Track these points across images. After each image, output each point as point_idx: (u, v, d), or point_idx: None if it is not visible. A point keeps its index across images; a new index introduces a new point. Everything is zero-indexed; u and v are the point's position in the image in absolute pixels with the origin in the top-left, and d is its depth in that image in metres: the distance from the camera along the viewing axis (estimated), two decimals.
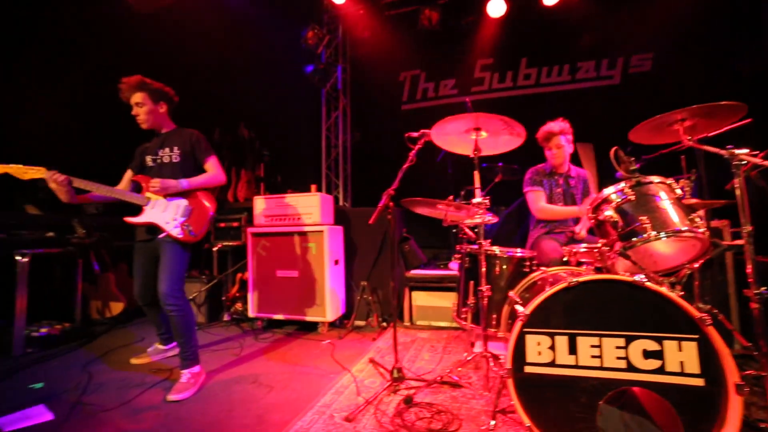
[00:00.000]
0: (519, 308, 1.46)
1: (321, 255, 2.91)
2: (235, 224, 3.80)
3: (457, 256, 2.30)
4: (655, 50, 4.02)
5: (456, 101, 4.78)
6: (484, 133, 1.85)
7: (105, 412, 1.73)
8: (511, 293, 1.82)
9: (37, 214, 3.15)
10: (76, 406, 1.79)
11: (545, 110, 4.05)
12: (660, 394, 1.14)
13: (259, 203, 3.19)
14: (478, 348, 2.31)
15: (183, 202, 2.08)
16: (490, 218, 1.79)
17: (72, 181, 1.86)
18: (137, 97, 2.09)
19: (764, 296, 1.32)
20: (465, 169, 3.79)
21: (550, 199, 2.53)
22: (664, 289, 1.18)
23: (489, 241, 1.89)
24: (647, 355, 1.17)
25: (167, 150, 2.14)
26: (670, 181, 1.52)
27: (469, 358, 2.04)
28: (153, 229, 2.05)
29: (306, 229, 2.97)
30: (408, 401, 1.72)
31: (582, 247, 1.88)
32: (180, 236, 2.01)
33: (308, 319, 2.92)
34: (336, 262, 3.04)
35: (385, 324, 3.05)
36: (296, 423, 1.59)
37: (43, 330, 2.65)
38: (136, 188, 2.13)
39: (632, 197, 1.52)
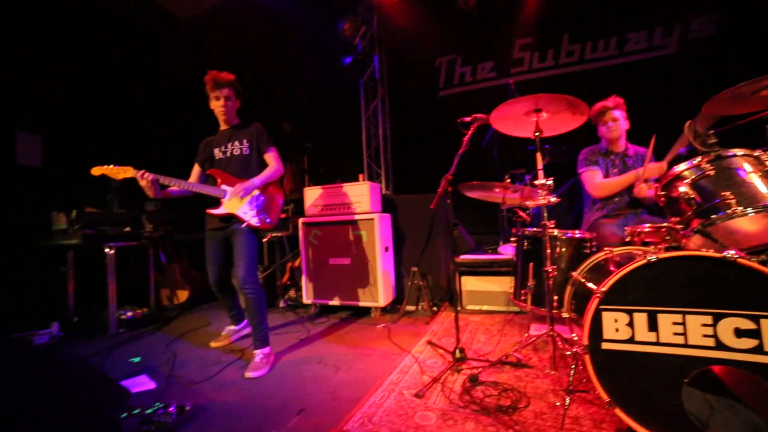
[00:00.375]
0: (591, 285, 1.45)
1: (372, 242, 2.99)
2: (283, 215, 3.96)
3: (513, 239, 2.29)
4: (720, 10, 3.69)
5: (495, 84, 4.66)
6: (544, 114, 1.82)
7: (194, 384, 1.92)
8: (575, 274, 1.80)
9: (117, 211, 3.46)
10: (170, 378, 1.99)
11: (592, 88, 3.88)
12: (759, 375, 1.11)
13: (310, 194, 3.31)
14: (534, 330, 2.32)
15: (256, 193, 2.24)
16: (555, 199, 1.77)
17: (158, 179, 2.03)
18: (226, 92, 2.24)
19: None
20: (511, 153, 3.76)
21: None
22: (758, 265, 1.13)
23: (553, 222, 1.87)
24: (740, 333, 1.13)
25: (236, 143, 2.29)
26: (757, 153, 1.43)
27: (532, 339, 2.04)
28: (227, 218, 2.21)
29: (357, 217, 3.05)
30: (473, 379, 1.77)
31: (646, 227, 1.82)
32: (258, 225, 2.18)
33: (362, 304, 3.03)
34: (386, 249, 3.11)
35: (435, 309, 3.10)
36: (369, 399, 1.69)
37: (129, 313, 2.94)
38: (211, 181, 2.28)
39: (711, 172, 1.46)
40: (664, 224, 1.62)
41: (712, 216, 1.41)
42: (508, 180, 2.12)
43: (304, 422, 1.53)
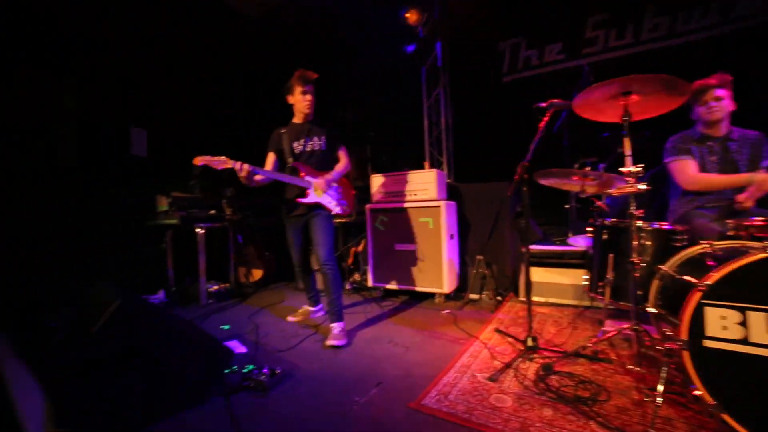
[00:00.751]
0: (691, 278, 1.36)
1: (438, 229, 3.02)
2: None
3: (589, 229, 2.19)
4: None
5: (564, 67, 4.38)
6: (634, 97, 1.70)
7: (279, 352, 2.13)
8: (664, 267, 1.69)
9: (195, 196, 3.86)
10: (258, 345, 2.22)
11: (682, 65, 3.48)
12: None
13: (376, 181, 3.41)
14: (609, 326, 2.22)
15: (335, 185, 2.50)
16: (644, 187, 1.67)
17: (254, 170, 2.21)
18: (311, 88, 2.42)
19: None
20: (582, 140, 3.54)
21: (702, 170, 2.21)
22: None
23: (641, 211, 1.77)
24: None
25: (315, 139, 2.46)
26: None
27: (610, 333, 1.96)
28: (310, 206, 2.41)
29: (423, 204, 3.10)
30: (548, 368, 1.75)
31: (758, 220, 1.65)
32: (340, 211, 2.45)
33: (426, 290, 3.09)
34: (451, 237, 3.13)
35: (500, 298, 3.08)
36: (442, 378, 1.75)
37: (215, 287, 3.29)
38: (293, 172, 2.45)
39: None
40: None
41: None
42: (577, 168, 2.03)
43: (383, 394, 1.64)
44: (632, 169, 1.69)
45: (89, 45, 3.25)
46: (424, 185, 3.15)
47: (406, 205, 3.18)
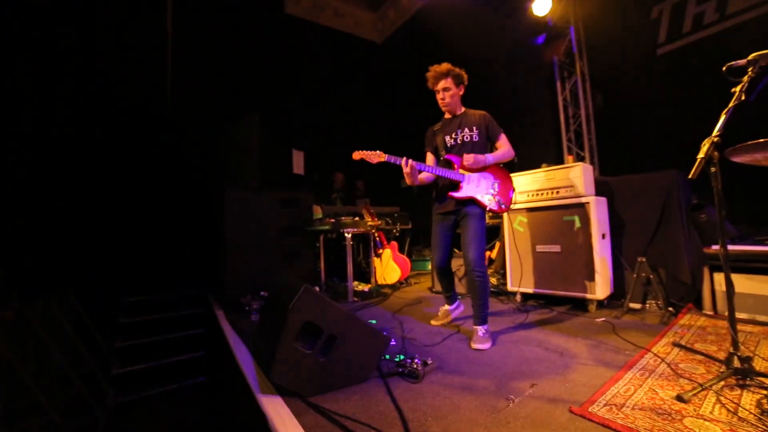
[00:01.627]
0: None
1: (587, 228, 2.72)
2: None
3: None
4: None
5: (765, 11, 3.33)
6: None
7: (425, 347, 2.21)
8: None
9: (342, 207, 4.39)
10: (405, 339, 2.36)
11: None
12: None
13: (513, 180, 3.26)
14: None
15: (490, 177, 2.32)
16: None
17: (417, 165, 2.22)
18: (445, 83, 2.35)
19: None
20: None
21: None
22: None
23: None
24: None
25: (466, 131, 2.38)
26: None
27: None
28: (462, 202, 2.31)
29: (567, 201, 2.84)
30: None
31: None
32: (495, 208, 2.27)
33: (574, 295, 2.79)
34: (603, 236, 2.77)
35: (672, 309, 2.56)
36: (609, 387, 1.56)
37: (360, 287, 3.65)
38: (448, 165, 2.38)
39: None
40: None
41: None
42: None
43: (539, 395, 1.55)
44: None
45: (270, 87, 4.12)
46: (567, 181, 2.89)
47: (548, 203, 2.96)
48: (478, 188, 2.30)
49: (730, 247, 2.42)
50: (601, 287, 2.67)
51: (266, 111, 4.04)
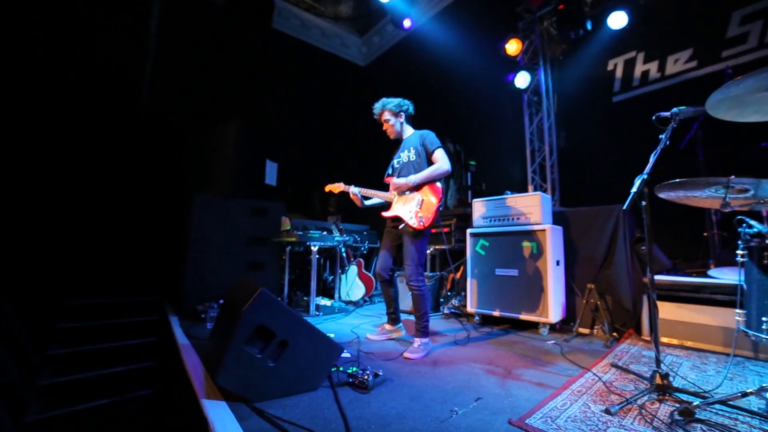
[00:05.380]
0: None
1: (543, 255, 2.87)
2: (446, 230, 4.21)
3: (740, 253, 1.85)
4: None
5: (695, 76, 3.80)
6: None
7: (379, 361, 2.23)
8: None
9: (309, 220, 4.40)
10: (360, 352, 2.37)
11: None
12: None
13: (478, 206, 3.42)
14: None
15: (417, 196, 2.47)
16: None
17: (360, 191, 2.56)
18: (383, 116, 2.68)
19: None
20: (723, 155, 3.02)
21: None
22: None
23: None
24: None
25: (406, 152, 2.60)
26: None
27: None
28: (398, 221, 2.53)
29: (527, 228, 2.99)
30: (687, 414, 1.48)
31: None
32: (415, 225, 2.38)
33: (529, 318, 2.90)
34: (557, 263, 2.93)
35: (616, 334, 2.72)
36: (547, 402, 1.63)
37: (322, 302, 3.63)
38: (387, 188, 2.66)
39: None
40: None
41: None
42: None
43: (483, 408, 1.60)
44: None
45: (250, 98, 4.16)
46: (528, 209, 3.06)
47: (508, 229, 3.11)
48: (404, 206, 2.47)
49: (664, 278, 2.65)
50: (553, 312, 2.80)
51: (244, 120, 4.08)
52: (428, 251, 4.17)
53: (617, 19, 4.20)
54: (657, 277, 2.69)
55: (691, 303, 2.50)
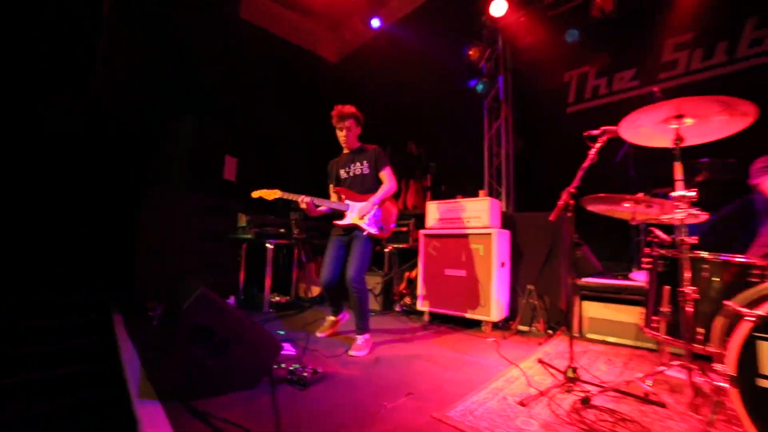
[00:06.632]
0: (743, 309, 1.25)
1: (488, 257, 3.03)
2: (404, 229, 4.31)
3: (646, 260, 2.05)
4: None
5: (636, 94, 4.14)
6: (688, 120, 1.65)
7: (325, 358, 2.30)
8: (730, 303, 1.54)
9: (272, 217, 4.38)
10: (306, 349, 2.43)
11: None
12: None
13: (432, 208, 3.55)
14: (673, 372, 1.99)
15: (375, 209, 2.61)
16: (697, 213, 1.57)
17: (313, 200, 2.55)
18: (348, 123, 2.66)
19: None
20: (650, 170, 3.30)
21: None
22: None
23: (695, 239, 1.65)
24: None
25: (358, 164, 2.71)
26: None
27: (659, 370, 1.79)
28: (350, 228, 2.60)
29: (475, 231, 3.14)
30: (585, 401, 1.66)
31: None
32: (377, 233, 2.54)
33: (473, 317, 3.06)
34: (502, 265, 3.10)
35: (551, 332, 2.92)
36: (471, 397, 1.76)
37: (277, 298, 3.65)
38: (337, 197, 2.72)
39: None
40: None
41: None
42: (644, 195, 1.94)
43: (411, 402, 1.71)
44: (683, 193, 1.61)
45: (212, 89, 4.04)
46: (477, 213, 3.21)
47: (458, 231, 3.25)
48: (361, 218, 2.57)
49: (590, 280, 2.88)
50: (495, 311, 2.97)
51: (204, 112, 3.99)
52: (386, 250, 4.27)
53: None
54: (587, 280, 2.92)
55: (614, 303, 2.74)
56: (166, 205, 3.39)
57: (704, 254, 1.75)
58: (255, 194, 2.61)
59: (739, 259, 1.71)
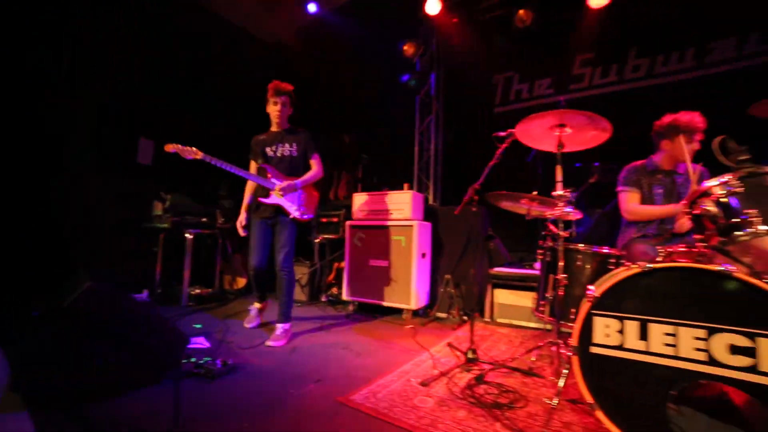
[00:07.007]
0: (588, 291, 1.48)
1: (410, 248, 3.17)
2: (335, 219, 4.33)
3: (539, 251, 2.31)
4: None
5: (551, 101, 4.58)
6: (568, 130, 1.88)
7: (240, 349, 2.27)
8: (591, 287, 1.80)
9: (195, 204, 4.12)
10: (222, 342, 2.37)
11: (658, 104, 3.63)
12: (754, 395, 1.08)
13: (358, 199, 3.61)
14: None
15: (298, 191, 2.62)
16: (570, 211, 1.81)
17: (224, 165, 2.45)
18: (284, 99, 2.64)
19: None
20: (554, 171, 3.70)
21: (648, 201, 2.32)
22: (760, 282, 1.11)
23: (567, 232, 1.90)
24: (735, 350, 1.11)
25: (287, 145, 2.67)
26: None
27: (535, 348, 2.06)
28: (276, 211, 2.58)
29: (397, 223, 3.27)
30: (479, 378, 1.85)
31: (680, 248, 1.76)
32: (299, 216, 2.56)
33: (393, 305, 3.20)
34: (423, 256, 3.26)
35: (466, 318, 3.16)
36: (378, 381, 1.86)
37: (198, 291, 3.48)
38: (263, 174, 2.64)
39: (740, 189, 1.42)
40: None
41: (735, 233, 1.37)
42: (538, 193, 2.17)
43: (318, 389, 1.76)
44: (561, 193, 1.84)
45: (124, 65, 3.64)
46: (400, 205, 3.33)
47: (383, 223, 3.35)
48: (284, 198, 2.57)
49: (499, 270, 3.15)
50: (415, 299, 3.13)
51: (114, 90, 3.60)
52: (317, 240, 4.26)
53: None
54: (497, 269, 3.20)
55: (519, 290, 3.04)
56: (70, 191, 3.03)
57: (579, 246, 2.02)
58: (169, 147, 2.42)
59: (603, 250, 2.00)
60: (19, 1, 3.44)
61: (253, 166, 2.77)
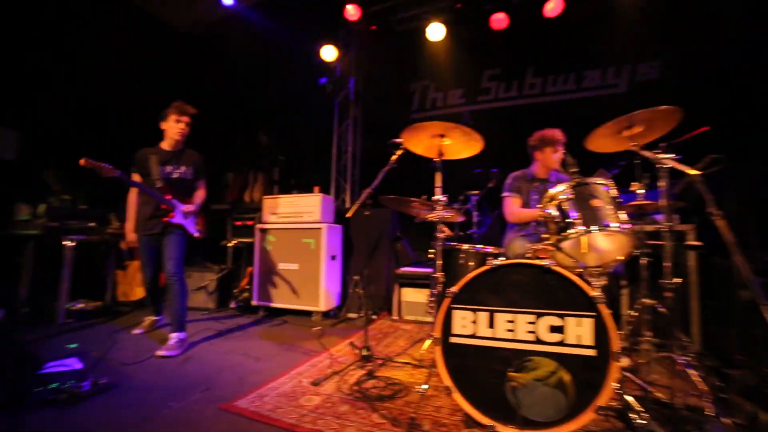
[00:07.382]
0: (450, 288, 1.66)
1: (318, 250, 3.20)
2: (250, 222, 4.17)
3: (431, 251, 2.51)
4: (662, 58, 4.05)
5: (463, 110, 4.95)
6: (447, 140, 2.08)
7: (122, 366, 2.09)
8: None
9: (84, 207, 3.65)
10: (100, 360, 2.15)
11: (550, 118, 4.16)
12: (561, 363, 1.32)
13: (268, 202, 3.54)
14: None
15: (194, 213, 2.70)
16: (447, 215, 2.00)
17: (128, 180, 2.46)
18: (187, 120, 2.65)
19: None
20: (460, 176, 4.03)
21: (526, 206, 2.66)
22: (567, 272, 1.36)
23: (453, 233, 2.10)
24: (553, 329, 1.35)
25: (183, 168, 2.66)
26: (607, 182, 1.69)
27: (422, 339, 2.23)
28: (171, 226, 2.55)
29: (306, 226, 3.27)
30: (370, 374, 1.95)
31: (541, 245, 2.05)
32: (197, 235, 2.67)
33: (303, 308, 3.20)
34: (333, 258, 3.32)
35: (375, 317, 3.29)
36: (270, 383, 1.87)
37: (80, 305, 3.10)
38: (161, 191, 2.55)
39: (571, 196, 1.70)
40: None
41: (566, 232, 1.65)
42: (427, 197, 2.35)
43: (204, 398, 1.71)
44: (440, 198, 2.03)
45: None
46: (310, 208, 3.35)
47: (292, 226, 3.33)
48: (186, 220, 2.63)
49: (406, 269, 3.34)
50: (324, 301, 3.17)
51: None
52: (230, 244, 4.07)
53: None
54: (403, 269, 3.38)
55: (423, 288, 3.25)
56: None
57: (463, 246, 2.24)
58: (85, 163, 2.24)
59: (486, 249, 2.24)
60: None
61: (137, 178, 2.63)
